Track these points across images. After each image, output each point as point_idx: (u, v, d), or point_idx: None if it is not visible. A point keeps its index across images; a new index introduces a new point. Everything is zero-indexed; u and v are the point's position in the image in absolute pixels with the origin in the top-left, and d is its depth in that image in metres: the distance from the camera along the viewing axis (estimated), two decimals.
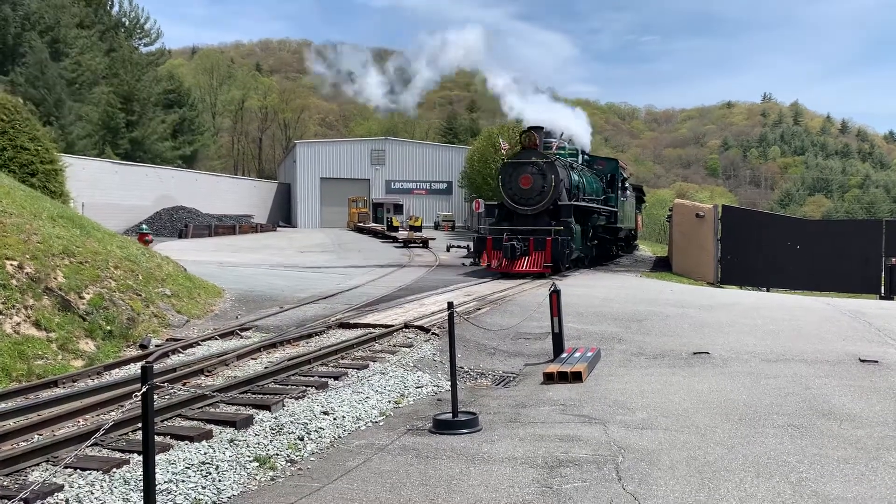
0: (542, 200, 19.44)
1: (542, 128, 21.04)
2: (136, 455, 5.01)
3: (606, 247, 26.91)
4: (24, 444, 5.31)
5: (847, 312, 13.17)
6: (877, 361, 8.58)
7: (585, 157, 26.18)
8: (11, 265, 9.05)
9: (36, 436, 5.56)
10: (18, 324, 8.31)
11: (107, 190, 36.00)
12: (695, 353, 9.13)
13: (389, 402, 6.93)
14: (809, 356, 8.96)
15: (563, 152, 22.57)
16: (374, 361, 8.44)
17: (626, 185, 28.73)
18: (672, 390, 7.26)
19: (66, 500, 4.40)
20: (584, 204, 21.71)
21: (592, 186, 23.95)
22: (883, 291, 20.86)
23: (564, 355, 8.74)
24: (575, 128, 27.25)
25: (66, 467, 4.76)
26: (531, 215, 19.64)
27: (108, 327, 9.43)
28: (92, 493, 4.48)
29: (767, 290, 21.33)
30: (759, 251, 22.09)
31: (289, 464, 5.20)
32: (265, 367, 7.97)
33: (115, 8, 55.02)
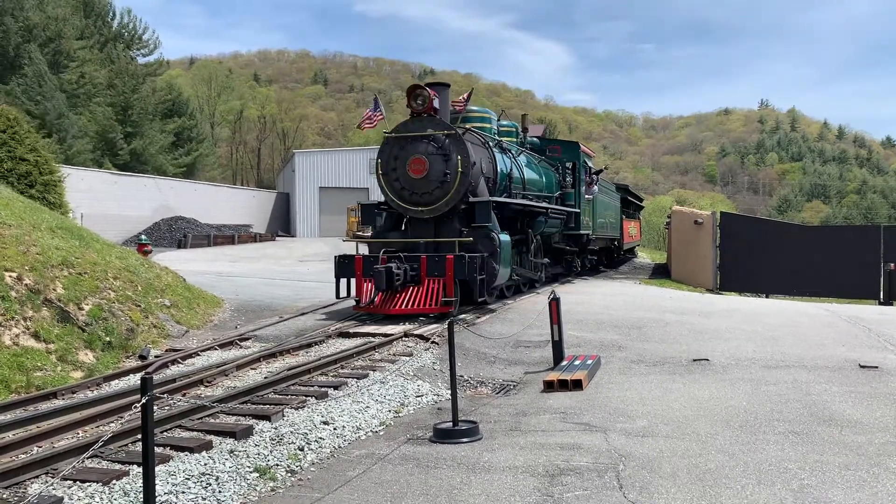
0: (443, 196, 12.33)
1: (448, 85, 13.78)
2: (135, 466, 4.99)
3: (568, 261, 20.35)
4: (23, 456, 5.29)
5: (846, 318, 13.17)
6: (877, 367, 8.58)
7: (532, 139, 19.41)
8: (10, 276, 9.04)
9: (35, 448, 5.54)
10: (17, 335, 8.30)
11: (105, 200, 36.00)
12: (695, 360, 9.13)
13: (389, 411, 6.92)
14: (809, 362, 8.95)
15: (486, 126, 15.17)
16: (374, 370, 8.43)
17: (596, 177, 21.49)
18: (672, 397, 7.25)
19: None
20: (519, 202, 14.49)
21: (542, 180, 17.22)
22: (882, 297, 20.88)
23: (564, 363, 8.74)
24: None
25: (65, 479, 4.74)
26: (429, 220, 12.70)
27: (108, 338, 9.42)
28: None
29: (766, 297, 21.34)
30: (758, 257, 22.11)
31: (289, 474, 5.18)
32: (265, 378, 7.96)
33: (116, 20, 55.22)
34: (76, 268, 10.40)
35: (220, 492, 4.75)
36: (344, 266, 12.40)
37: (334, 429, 6.18)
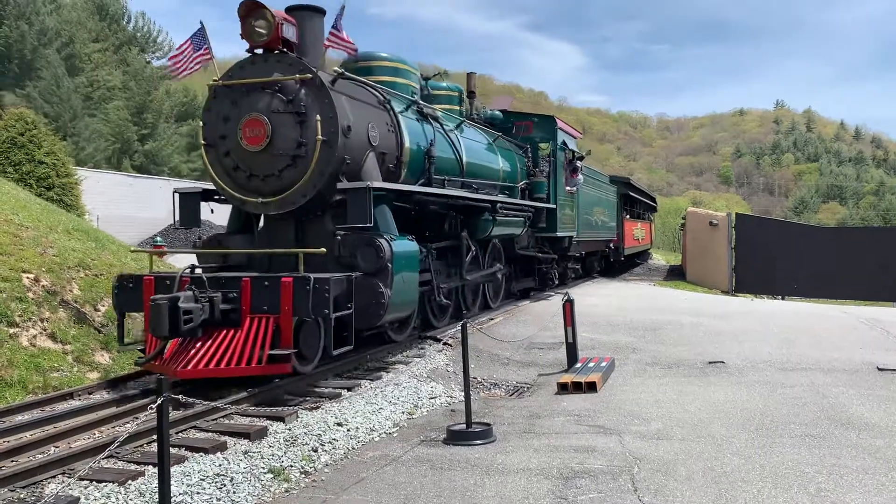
0: (296, 179, 8.00)
1: (320, 11, 8.75)
2: (151, 467, 5.02)
3: (543, 272, 15.87)
4: (40, 456, 5.33)
5: (863, 320, 13.05)
6: (895, 370, 8.49)
7: (493, 112, 15.09)
8: (28, 278, 9.13)
9: (52, 448, 5.58)
10: (34, 336, 8.37)
11: (121, 203, 36.29)
12: (710, 363, 9.07)
13: (403, 412, 6.92)
14: (826, 365, 8.87)
15: (399, 82, 10.40)
16: (388, 372, 8.43)
17: (580, 165, 16.78)
18: (687, 400, 7.21)
19: None
20: (438, 192, 9.85)
21: (497, 165, 12.99)
22: None
23: (578, 365, 8.71)
24: None
25: (81, 479, 4.78)
26: (286, 217, 8.46)
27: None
28: None
29: (782, 299, 21.18)
30: (774, 259, 21.97)
31: (303, 475, 5.19)
32: (278, 379, 7.97)
33: (131, 23, 55.66)
34: (92, 269, 10.48)
35: (234, 492, 4.77)
36: (125, 293, 7.80)
37: (348, 430, 6.18)
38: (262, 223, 8.86)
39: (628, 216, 28.24)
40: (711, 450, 5.54)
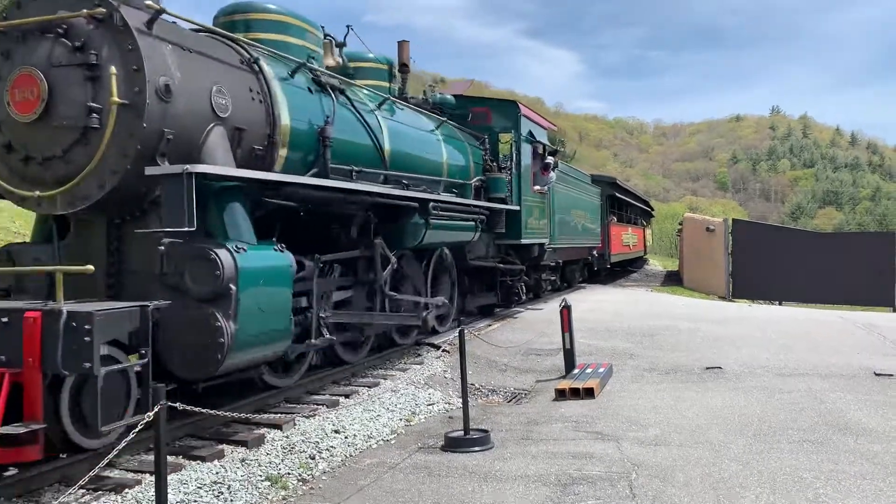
0: (84, 162, 5.50)
1: None
2: (148, 475, 5.00)
3: (507, 286, 13.52)
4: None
5: (860, 325, 13.07)
6: (892, 375, 8.51)
7: (444, 96, 12.82)
8: None
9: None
10: None
11: None
12: (707, 368, 9.07)
13: (401, 419, 6.91)
14: (823, 370, 8.88)
15: (288, 41, 7.68)
16: (385, 379, 8.42)
17: (553, 160, 14.83)
18: (685, 406, 7.21)
19: None
20: (327, 184, 7.13)
21: (439, 158, 10.55)
22: None
23: (576, 371, 8.71)
24: None
25: (79, 488, 4.76)
26: (81, 221, 6.15)
27: None
28: None
29: (780, 304, 21.22)
30: (771, 265, 22.00)
31: (300, 483, 5.18)
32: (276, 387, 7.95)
33: None
34: None
35: (231, 500, 4.75)
36: None
37: (345, 437, 6.18)
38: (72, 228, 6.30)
39: (615, 220, 26.41)
40: (709, 456, 5.54)
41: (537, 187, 13.93)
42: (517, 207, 12.73)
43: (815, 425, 6.38)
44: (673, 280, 28.98)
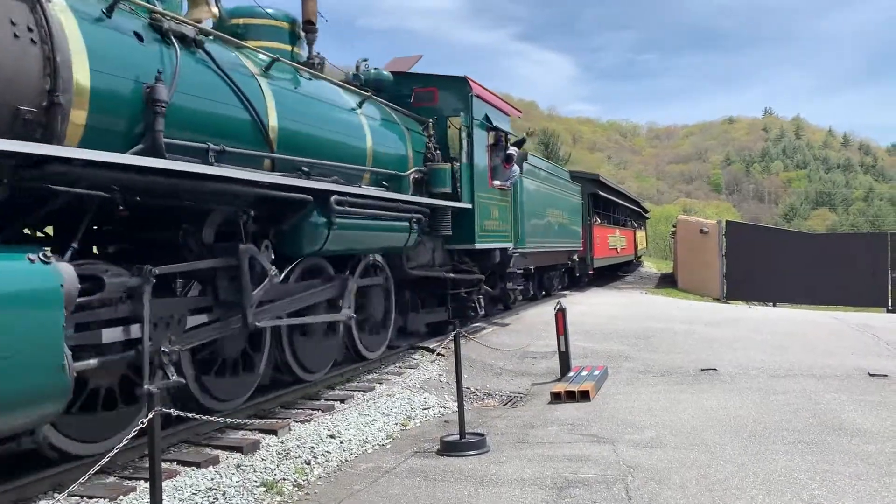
0: None
1: None
2: (142, 482, 4.98)
3: (461, 299, 11.42)
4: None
5: (855, 326, 13.12)
6: (886, 375, 8.53)
7: (379, 72, 10.46)
8: None
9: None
10: None
11: None
12: (703, 370, 9.09)
13: (396, 424, 6.90)
14: (818, 371, 8.90)
15: None
16: (380, 383, 8.41)
17: (517, 151, 13.43)
18: (680, 408, 7.22)
19: None
20: (172, 165, 5.34)
21: (361, 142, 8.55)
22: (890, 304, 20.79)
23: (571, 374, 8.71)
24: None
25: (71, 495, 4.73)
26: None
27: None
28: None
29: (774, 305, 21.28)
30: (765, 266, 22.08)
31: (296, 488, 5.17)
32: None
33: None
34: None
35: None
36: None
37: (341, 442, 6.16)
38: None
39: (599, 221, 24.40)
40: (705, 457, 5.54)
41: (497, 182, 12.10)
42: (468, 205, 10.76)
43: (810, 426, 6.39)
44: (667, 282, 29.04)
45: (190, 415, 4.56)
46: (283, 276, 7.18)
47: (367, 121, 8.78)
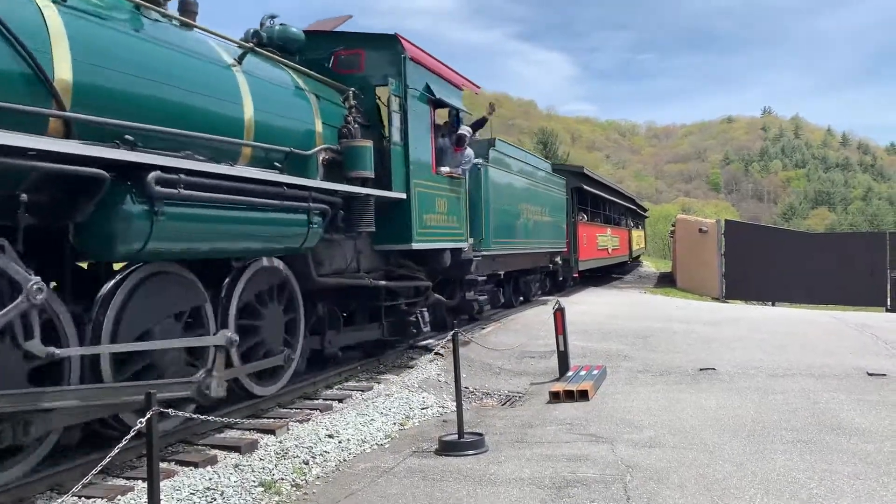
0: None
1: None
2: (140, 482, 4.98)
3: (401, 312, 9.39)
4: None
5: (853, 325, 13.12)
6: (885, 375, 8.53)
7: (272, 27, 7.96)
8: None
9: None
10: None
11: None
12: (701, 370, 9.09)
13: (394, 424, 6.89)
14: (817, 370, 8.90)
15: None
16: (379, 383, 8.40)
17: (471, 133, 10.90)
18: (679, 407, 7.22)
19: None
20: None
21: (241, 105, 6.44)
22: (889, 304, 20.80)
23: (570, 373, 8.71)
24: None
25: (71, 495, 4.73)
26: None
27: None
28: None
29: (773, 305, 21.28)
30: (764, 266, 22.09)
31: (294, 488, 5.16)
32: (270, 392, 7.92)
33: None
34: None
35: None
36: None
37: (339, 442, 6.15)
38: None
39: (586, 218, 22.19)
40: (703, 457, 5.54)
41: (445, 169, 9.99)
42: (401, 195, 8.59)
43: (809, 426, 6.39)
44: (666, 281, 29.06)
45: (188, 414, 4.56)
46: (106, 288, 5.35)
47: (247, 81, 6.67)
